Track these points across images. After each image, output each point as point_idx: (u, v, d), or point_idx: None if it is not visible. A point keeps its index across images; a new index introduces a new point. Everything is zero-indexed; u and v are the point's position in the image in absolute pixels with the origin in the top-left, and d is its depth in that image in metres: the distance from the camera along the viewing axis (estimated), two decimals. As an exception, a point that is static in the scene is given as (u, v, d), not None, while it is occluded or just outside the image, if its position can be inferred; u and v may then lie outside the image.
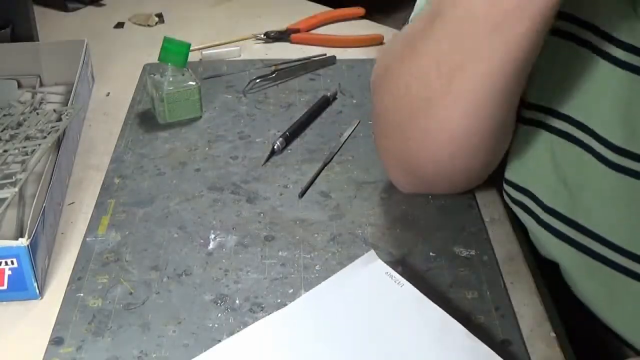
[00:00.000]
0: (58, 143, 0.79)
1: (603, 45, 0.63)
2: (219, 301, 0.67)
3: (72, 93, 0.88)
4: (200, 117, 0.94)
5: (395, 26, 1.24)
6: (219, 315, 0.66)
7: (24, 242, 0.65)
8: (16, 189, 0.73)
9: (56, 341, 0.63)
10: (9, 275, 0.66)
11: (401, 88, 0.68)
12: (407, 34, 0.69)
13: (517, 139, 0.72)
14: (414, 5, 0.79)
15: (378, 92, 0.74)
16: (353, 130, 0.91)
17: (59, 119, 0.84)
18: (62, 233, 0.76)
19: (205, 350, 0.61)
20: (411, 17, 0.77)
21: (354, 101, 0.98)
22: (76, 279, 0.70)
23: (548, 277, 0.73)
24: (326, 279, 0.68)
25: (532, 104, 0.70)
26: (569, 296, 0.76)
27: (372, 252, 0.68)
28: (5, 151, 0.79)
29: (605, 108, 0.64)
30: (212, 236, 0.75)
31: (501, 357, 0.59)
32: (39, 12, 1.11)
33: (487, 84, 0.62)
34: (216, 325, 0.65)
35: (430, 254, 0.72)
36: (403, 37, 0.70)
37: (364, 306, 0.64)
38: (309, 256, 0.72)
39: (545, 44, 0.63)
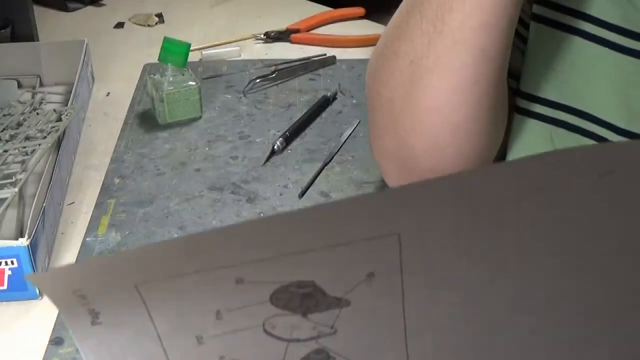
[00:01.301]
0: (58, 143, 0.79)
1: (595, 31, 0.64)
2: (219, 301, 0.67)
3: (72, 93, 0.88)
4: (200, 117, 0.94)
5: (395, 26, 1.24)
6: (219, 315, 0.66)
7: (24, 242, 0.65)
8: (16, 189, 0.73)
9: (56, 341, 0.64)
10: (9, 275, 0.66)
11: (391, 69, 0.69)
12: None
13: (514, 132, 0.72)
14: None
15: (372, 84, 0.74)
16: (353, 130, 0.91)
17: (59, 119, 0.84)
18: (62, 233, 0.76)
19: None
20: None
21: (354, 101, 0.98)
22: (76, 279, 0.70)
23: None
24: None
25: (526, 94, 0.70)
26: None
27: None
28: (5, 151, 0.79)
29: (602, 92, 0.64)
30: (212, 236, 0.75)
31: None
32: (39, 12, 1.11)
33: (465, 45, 0.62)
34: (216, 325, 0.65)
35: (430, 254, 0.72)
36: (392, 19, 0.70)
37: None
38: (309, 256, 0.72)
39: (536, 34, 0.63)
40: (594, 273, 0.40)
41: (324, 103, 0.96)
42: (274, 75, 1.02)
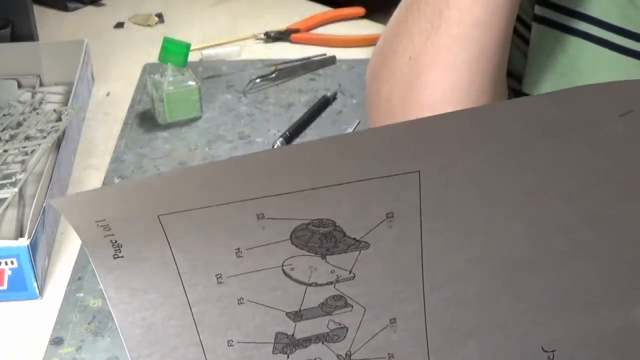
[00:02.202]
0: (58, 143, 0.79)
1: (596, 32, 0.64)
2: (219, 301, 0.67)
3: (72, 93, 0.88)
4: (200, 117, 0.94)
5: (395, 26, 1.24)
6: (219, 315, 0.66)
7: (24, 242, 0.65)
8: (16, 189, 0.73)
9: (56, 341, 0.64)
10: (9, 275, 0.66)
11: (390, 67, 0.69)
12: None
13: None
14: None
15: (372, 83, 0.74)
16: (353, 130, 0.91)
17: (59, 119, 0.84)
18: (62, 233, 0.76)
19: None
20: None
21: (354, 101, 0.98)
22: (76, 279, 0.70)
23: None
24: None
25: (528, 95, 0.70)
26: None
27: None
28: (5, 151, 0.79)
29: None
30: (212, 236, 0.75)
31: None
32: (39, 12, 1.11)
33: (462, 42, 0.63)
34: (216, 325, 0.65)
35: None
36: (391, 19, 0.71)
37: None
38: (309, 256, 0.72)
39: (538, 35, 0.63)
40: (611, 224, 0.39)
41: (324, 103, 0.96)
42: (274, 75, 1.02)
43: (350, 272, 0.37)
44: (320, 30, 1.18)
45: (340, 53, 1.09)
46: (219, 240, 0.36)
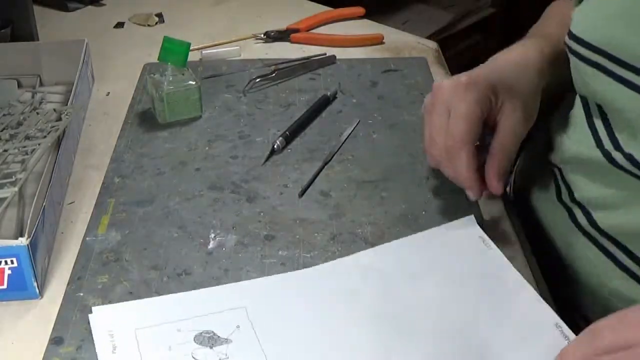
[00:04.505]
0: (58, 143, 0.79)
1: None
2: (219, 300, 0.67)
3: (72, 93, 0.88)
4: (200, 116, 0.94)
5: (395, 26, 1.24)
6: (219, 314, 0.66)
7: (24, 241, 0.65)
8: (16, 189, 0.73)
9: (56, 341, 0.64)
10: (9, 275, 0.66)
11: None
12: None
13: None
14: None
15: None
16: (353, 130, 0.91)
17: (59, 119, 0.84)
18: (62, 233, 0.76)
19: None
20: None
21: (354, 101, 0.98)
22: (76, 278, 0.70)
23: (548, 275, 0.73)
24: (326, 278, 0.69)
25: (575, 36, 0.73)
26: (568, 290, 0.76)
27: (471, 217, 0.75)
28: (5, 151, 0.79)
29: None
30: (212, 235, 0.75)
31: None
32: (39, 12, 1.11)
33: None
34: (216, 325, 0.65)
35: (430, 253, 0.72)
36: None
37: (445, 261, 0.71)
38: (309, 255, 0.72)
39: None
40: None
41: (324, 102, 0.96)
42: (273, 74, 1.02)
43: (226, 354, 0.62)
44: (320, 30, 1.18)
45: (340, 53, 1.09)
46: (157, 340, 0.63)
